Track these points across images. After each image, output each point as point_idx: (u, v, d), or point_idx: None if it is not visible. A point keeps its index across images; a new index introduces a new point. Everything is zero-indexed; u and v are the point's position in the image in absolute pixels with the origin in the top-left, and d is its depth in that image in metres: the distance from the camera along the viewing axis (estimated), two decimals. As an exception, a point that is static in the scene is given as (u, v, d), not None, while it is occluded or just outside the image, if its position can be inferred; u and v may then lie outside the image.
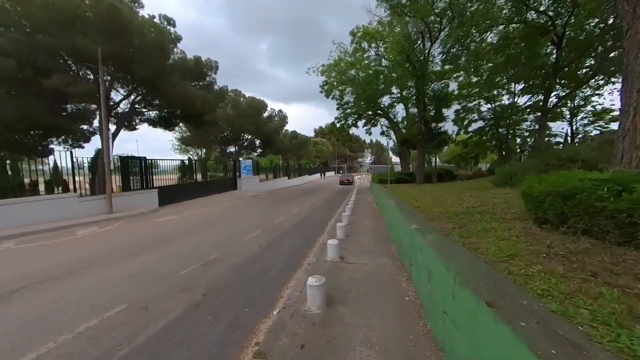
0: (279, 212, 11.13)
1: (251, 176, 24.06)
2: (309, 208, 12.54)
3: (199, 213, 11.18)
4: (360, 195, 17.50)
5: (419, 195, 8.61)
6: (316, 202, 15.16)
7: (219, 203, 14.54)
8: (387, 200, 7.71)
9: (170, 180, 16.01)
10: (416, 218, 4.59)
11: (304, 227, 8.31)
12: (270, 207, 13.05)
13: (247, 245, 6.20)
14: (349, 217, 8.52)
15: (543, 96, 16.84)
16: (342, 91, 24.32)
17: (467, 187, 10.16)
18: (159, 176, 15.02)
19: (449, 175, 21.91)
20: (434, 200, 6.86)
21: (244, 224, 8.76)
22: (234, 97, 24.26)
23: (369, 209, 11.32)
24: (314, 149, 60.26)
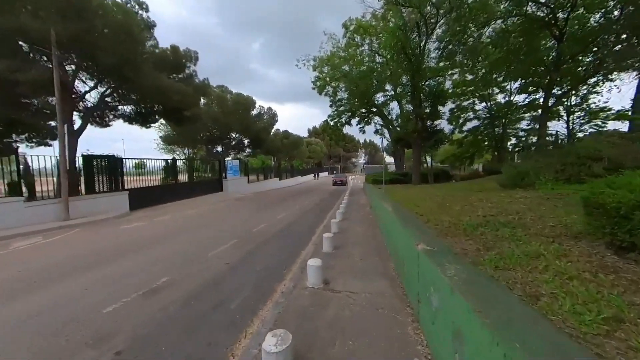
0: (262, 217, 9.97)
1: (238, 177, 22.80)
2: (298, 212, 11.41)
3: (173, 218, 9.92)
4: (354, 197, 16.46)
5: (418, 198, 7.58)
6: (306, 204, 14.05)
7: (200, 206, 13.27)
8: (383, 204, 6.65)
9: (153, 181, 14.73)
10: (421, 231, 3.53)
11: (288, 236, 7.17)
12: (254, 211, 11.87)
13: (212, 262, 5.04)
14: (339, 224, 7.42)
15: (543, 93, 16.15)
16: (335, 88, 23.28)
17: (470, 188, 9.20)
18: (138, 177, 13.69)
19: (445, 175, 21.07)
20: (438, 205, 5.81)
21: (219, 232, 7.58)
22: (219, 93, 22.89)
23: (362, 213, 10.26)
24: (307, 149, 59.10)
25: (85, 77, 12.82)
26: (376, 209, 8.70)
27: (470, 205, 5.20)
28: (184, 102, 13.25)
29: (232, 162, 22.15)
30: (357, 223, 8.30)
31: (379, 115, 24.82)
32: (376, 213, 8.70)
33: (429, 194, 8.23)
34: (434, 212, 4.98)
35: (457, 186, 11.11)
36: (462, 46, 17.23)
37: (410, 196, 8.30)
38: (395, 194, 9.78)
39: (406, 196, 8.52)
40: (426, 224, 4.22)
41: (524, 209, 4.24)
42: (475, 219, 4.00)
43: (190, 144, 25.10)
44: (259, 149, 29.01)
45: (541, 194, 5.72)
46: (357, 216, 9.56)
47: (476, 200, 5.73)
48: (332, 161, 78.38)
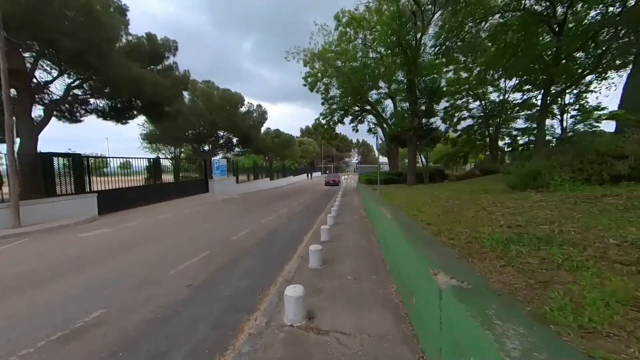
0: (245, 222, 8.98)
1: (226, 177, 21.65)
2: (285, 215, 10.45)
3: (144, 224, 8.82)
4: (346, 198, 15.61)
5: (419, 201, 6.74)
6: (296, 206, 13.10)
7: (179, 209, 12.16)
8: (380, 209, 5.77)
9: (133, 181, 13.55)
10: (434, 249, 2.65)
11: (271, 246, 6.21)
12: (238, 214, 10.85)
13: (170, 283, 4.05)
14: (330, 231, 6.51)
15: (542, 90, 15.65)
16: (327, 85, 22.40)
17: (473, 189, 8.43)
18: (117, 178, 12.46)
19: (440, 175, 20.45)
20: (445, 210, 4.97)
21: (191, 241, 6.56)
22: (205, 88, 21.66)
23: (356, 217, 9.39)
24: (300, 149, 58.09)
25: (49, 66, 11.57)
26: (371, 214, 7.83)
27: (485, 211, 4.37)
28: (162, 96, 12.11)
29: (219, 161, 20.99)
30: (350, 229, 7.41)
31: (372, 113, 24.10)
32: (372, 218, 7.83)
33: (430, 196, 7.40)
34: (443, 220, 4.12)
35: (457, 187, 10.36)
36: (458, 42, 16.62)
37: (410, 198, 7.46)
38: (392, 195, 8.94)
39: (405, 198, 7.68)
40: (437, 236, 3.34)
41: (556, 217, 3.42)
42: (499, 231, 3.15)
43: (175, 143, 23.77)
44: (249, 147, 27.88)
45: (561, 196, 4.94)
46: (350, 221, 8.68)
47: (488, 204, 4.90)
48: (325, 161, 77.59)
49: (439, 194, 7.79)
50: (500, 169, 14.33)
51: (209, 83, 22.38)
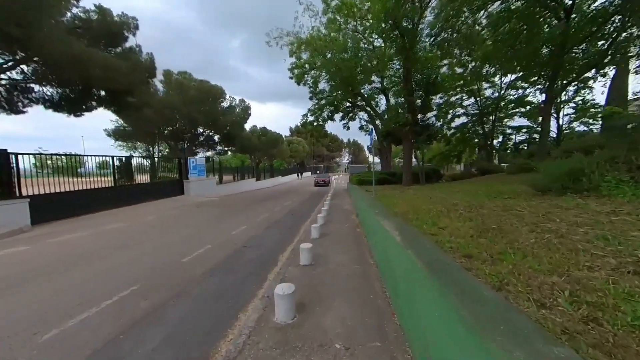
0: (210, 234, 7.26)
1: (204, 178, 19.72)
2: (263, 223, 8.76)
3: (78, 239, 6.93)
4: (337, 200, 14.05)
5: (427, 208, 5.22)
6: (279, 211, 11.43)
7: (141, 216, 10.27)
8: (379, 222, 4.21)
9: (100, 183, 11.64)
10: (511, 331, 1.06)
11: (226, 276, 4.51)
12: (207, 222, 9.08)
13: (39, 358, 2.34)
14: (314, 248, 4.89)
15: (545, 82, 14.55)
16: (315, 78, 20.80)
17: (487, 192, 7.00)
18: (75, 179, 10.46)
19: (436, 174, 19.20)
20: (477, 228, 3.43)
21: (127, 266, 4.80)
22: (179, 79, 19.57)
23: (347, 225, 7.81)
24: (289, 149, 56.28)
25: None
26: (367, 225, 6.24)
27: (546, 232, 2.85)
28: (120, 82, 10.19)
29: (196, 160, 19.02)
30: (339, 245, 5.82)
31: (364, 109, 22.68)
32: (368, 231, 6.24)
33: (439, 201, 5.90)
34: (488, 248, 2.56)
35: (463, 188, 8.93)
36: (455, 34, 15.33)
37: (414, 204, 5.93)
38: (390, 199, 7.40)
39: (407, 204, 6.14)
40: (500, 291, 1.77)
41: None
42: (626, 282, 1.61)
43: (149, 140, 21.57)
44: (232, 146, 25.91)
45: (634, 203, 3.52)
46: (339, 232, 7.09)
47: (538, 218, 3.42)
48: (315, 161, 76.02)
49: (448, 198, 6.31)
50: (505, 168, 13.20)
51: (185, 74, 20.33)
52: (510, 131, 27.41)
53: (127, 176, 15.34)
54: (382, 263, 3.98)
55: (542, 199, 4.98)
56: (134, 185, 14.23)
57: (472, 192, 7.31)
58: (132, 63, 10.91)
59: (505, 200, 5.25)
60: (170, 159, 17.70)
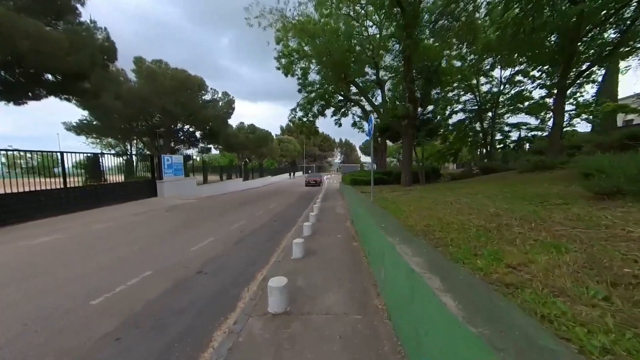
0: (163, 252, 5.52)
1: (181, 177, 17.79)
2: (236, 234, 7.05)
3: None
4: (328, 202, 12.44)
5: (462, 221, 3.63)
6: (260, 216, 9.73)
7: (87, 224, 8.39)
8: (393, 248, 2.61)
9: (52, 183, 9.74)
10: None
11: (148, 337, 2.82)
12: (169, 232, 7.30)
13: None
14: (288, 287, 3.23)
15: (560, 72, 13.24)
16: (305, 68, 19.11)
17: (522, 194, 5.50)
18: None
19: (435, 174, 17.85)
20: (589, 265, 1.82)
21: (13, 307, 3.06)
22: (151, 67, 17.47)
23: (340, 237, 6.19)
24: (279, 147, 54.41)
25: None
26: (370, 243, 4.58)
27: None
28: (58, 59, 8.25)
29: (171, 158, 17.07)
30: (330, 273, 4.18)
31: (358, 104, 21.13)
32: (372, 256, 4.62)
33: (469, 210, 4.34)
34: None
35: (480, 190, 7.43)
36: (454, 22, 13.93)
37: (435, 214, 4.33)
38: (396, 204, 5.81)
39: (424, 213, 4.55)
40: None
41: None
42: None
43: (121, 135, 19.40)
44: (216, 143, 23.95)
45: None
46: (331, 248, 5.46)
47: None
48: (307, 160, 74.35)
49: (474, 204, 4.76)
50: (518, 166, 11.88)
51: (160, 63, 18.31)
52: (509, 128, 26.43)
53: (93, 176, 13.50)
54: (403, 319, 2.36)
55: (615, 204, 3.47)
56: (93, 186, 12.26)
57: (498, 195, 5.79)
58: (79, 39, 8.97)
59: (563, 207, 3.73)
60: (145, 157, 15.69)
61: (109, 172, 13.98)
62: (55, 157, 10.25)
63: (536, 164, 10.50)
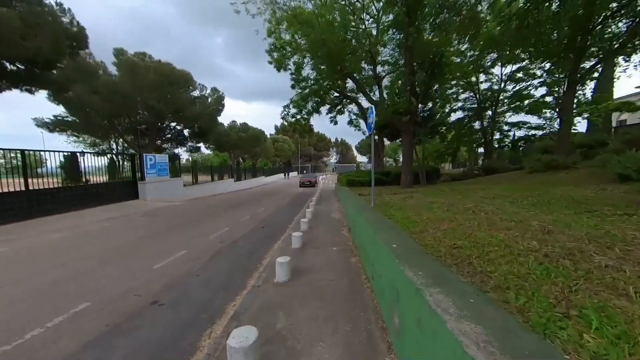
0: (116, 272, 4.46)
1: (166, 178, 16.62)
2: (213, 245, 6.02)
3: None
4: (323, 206, 11.46)
5: (503, 241, 2.68)
6: (246, 222, 8.69)
7: (45, 233, 7.26)
8: (411, 284, 1.64)
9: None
10: None
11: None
12: (134, 245, 6.23)
13: None
14: (269, 319, 2.23)
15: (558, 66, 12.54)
16: (299, 63, 18.10)
17: (557, 198, 4.61)
18: None
19: (435, 174, 17.02)
20: None
21: None
22: (131, 59, 16.17)
23: (336, 250, 5.21)
24: (274, 147, 53.27)
25: None
26: (375, 265, 3.59)
27: None
28: (11, 44, 7.09)
29: (155, 157, 15.89)
30: (323, 304, 3.19)
31: (354, 101, 20.20)
32: (380, 287, 3.65)
33: (504, 223, 3.39)
34: None
35: (497, 193, 6.54)
36: (455, 16, 13.09)
37: (459, 228, 3.37)
38: (402, 211, 4.86)
39: (441, 224, 3.59)
40: None
41: None
42: None
43: (101, 133, 18.08)
44: (205, 141, 22.77)
45: None
46: (324, 266, 4.47)
47: None
48: (302, 160, 73.34)
49: (503, 212, 3.82)
50: (528, 166, 11.06)
51: (143, 55, 17.03)
52: (508, 127, 25.83)
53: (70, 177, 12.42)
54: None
55: None
56: (63, 189, 11.07)
57: (522, 200, 4.89)
58: (37, 21, 7.79)
59: (629, 219, 2.80)
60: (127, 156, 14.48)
61: (88, 173, 12.89)
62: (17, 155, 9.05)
63: (548, 164, 9.69)
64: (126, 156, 14.85)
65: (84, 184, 12.72)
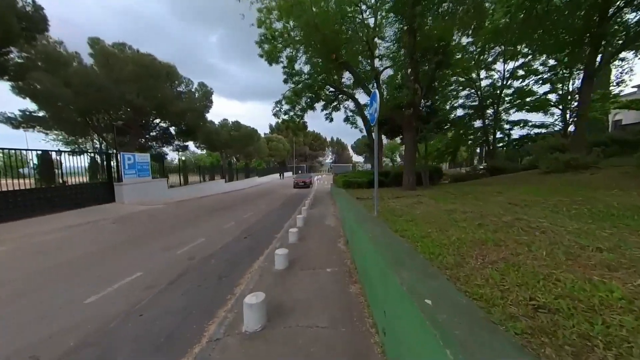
0: (35, 309, 3.24)
1: (148, 179, 15.34)
2: (179, 264, 4.84)
3: None
4: (317, 209, 10.32)
5: (610, 291, 1.55)
6: (228, 230, 7.50)
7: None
8: None
9: None
10: None
11: None
12: (81, 266, 4.99)
13: None
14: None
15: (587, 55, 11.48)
16: (291, 57, 16.95)
17: (606, 207, 3.53)
18: None
19: (438, 174, 16.03)
20: None
21: None
22: (106, 47, 14.72)
23: (330, 271, 4.06)
24: (268, 147, 51.98)
25: None
26: (393, 325, 2.43)
27: None
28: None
29: (134, 157, 14.58)
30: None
31: (351, 96, 19.10)
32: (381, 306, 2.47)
33: (578, 247, 2.27)
34: None
35: (524, 198, 5.49)
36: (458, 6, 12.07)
37: (522, 262, 2.25)
38: (418, 227, 3.74)
39: (489, 251, 2.47)
40: None
41: None
42: None
43: (76, 130, 16.63)
44: (194, 140, 21.45)
45: None
46: (315, 296, 3.32)
47: None
48: (297, 160, 72.13)
49: (549, 226, 2.73)
50: (542, 165, 10.06)
51: (123, 46, 15.61)
52: (509, 126, 25.01)
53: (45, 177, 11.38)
54: None
55: None
56: (26, 191, 9.79)
57: (569, 209, 3.81)
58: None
59: None
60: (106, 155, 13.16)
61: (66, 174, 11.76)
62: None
63: (568, 163, 8.68)
64: (103, 155, 13.51)
65: (53, 186, 11.49)
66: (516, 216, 3.50)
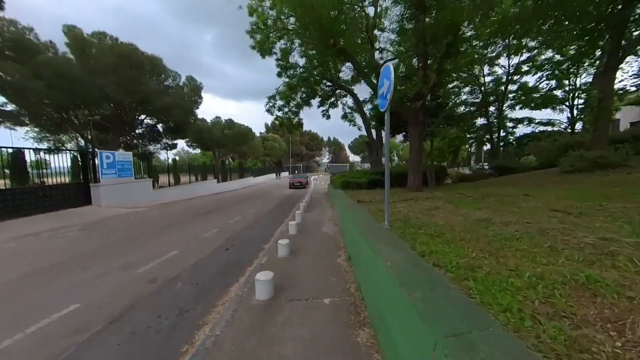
0: None
1: (130, 179, 14.15)
2: (137, 287, 3.73)
3: None
4: (313, 213, 9.27)
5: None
6: (209, 239, 6.41)
7: None
8: None
9: None
10: None
11: None
12: (15, 293, 3.87)
13: None
14: None
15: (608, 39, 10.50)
16: (286, 50, 15.86)
17: None
18: None
19: (443, 173, 15.07)
20: None
21: None
22: (84, 37, 13.38)
23: (329, 303, 3.00)
24: (263, 146, 50.77)
25: None
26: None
27: None
28: None
29: (114, 155, 13.37)
30: None
31: (350, 92, 18.07)
32: None
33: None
34: None
35: (572, 203, 4.49)
36: None
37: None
38: (458, 251, 2.68)
39: (588, 308, 1.41)
40: None
41: None
42: None
43: (53, 126, 15.28)
44: (183, 138, 20.22)
45: None
46: (311, 356, 2.24)
47: None
48: (294, 160, 71.01)
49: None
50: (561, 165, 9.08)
51: (103, 36, 14.30)
52: (512, 124, 24.22)
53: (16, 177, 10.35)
54: None
55: None
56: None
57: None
58: None
59: None
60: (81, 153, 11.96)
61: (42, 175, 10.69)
62: None
63: (595, 162, 7.72)
64: (76, 153, 12.30)
65: (22, 188, 10.36)
66: (598, 234, 2.46)
